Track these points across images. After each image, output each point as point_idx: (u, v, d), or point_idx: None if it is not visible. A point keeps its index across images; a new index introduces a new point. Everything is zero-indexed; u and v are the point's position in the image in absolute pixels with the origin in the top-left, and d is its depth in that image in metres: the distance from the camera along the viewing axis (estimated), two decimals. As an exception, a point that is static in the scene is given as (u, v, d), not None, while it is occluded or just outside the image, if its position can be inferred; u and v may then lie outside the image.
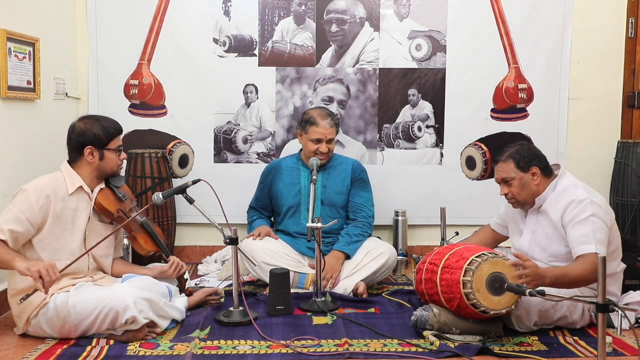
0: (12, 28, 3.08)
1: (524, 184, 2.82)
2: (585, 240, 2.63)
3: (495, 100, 4.05)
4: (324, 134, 3.41)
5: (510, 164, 2.83)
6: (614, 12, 4.00)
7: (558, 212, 2.75)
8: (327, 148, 3.44)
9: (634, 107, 4.05)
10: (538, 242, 2.84)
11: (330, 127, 3.43)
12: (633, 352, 2.54)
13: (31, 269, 2.40)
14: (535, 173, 2.81)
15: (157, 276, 2.89)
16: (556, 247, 2.78)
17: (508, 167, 2.84)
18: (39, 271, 2.39)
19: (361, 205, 3.52)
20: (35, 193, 2.60)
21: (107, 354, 2.49)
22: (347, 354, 2.49)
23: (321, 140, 3.42)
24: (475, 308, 2.54)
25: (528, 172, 2.81)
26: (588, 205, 2.68)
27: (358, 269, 3.33)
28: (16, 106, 3.18)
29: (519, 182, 2.82)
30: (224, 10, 3.96)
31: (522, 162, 2.81)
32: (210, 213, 2.89)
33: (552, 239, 2.79)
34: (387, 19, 3.99)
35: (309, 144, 3.46)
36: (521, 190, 2.83)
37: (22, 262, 2.45)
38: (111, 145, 2.79)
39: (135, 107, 3.99)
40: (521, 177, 2.82)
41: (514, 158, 2.83)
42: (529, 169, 2.81)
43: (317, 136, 3.42)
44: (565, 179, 2.84)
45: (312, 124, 3.43)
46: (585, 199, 2.70)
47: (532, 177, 2.81)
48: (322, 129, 3.41)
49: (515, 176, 2.82)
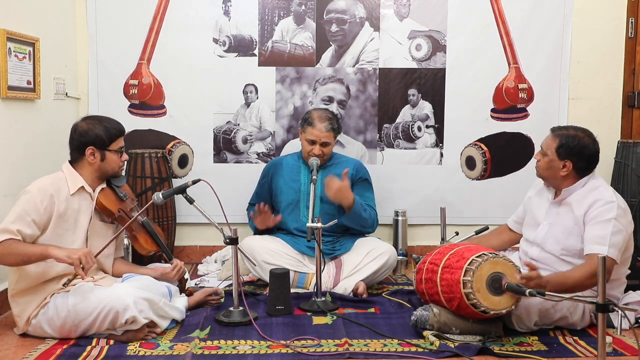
0: (12, 28, 3.08)
1: (552, 166, 2.82)
2: (600, 241, 2.63)
3: (496, 100, 4.05)
4: (319, 136, 3.41)
5: (554, 142, 2.83)
6: (614, 12, 4.00)
7: (583, 208, 2.74)
8: (321, 151, 3.42)
9: (634, 107, 4.05)
10: (555, 234, 2.83)
11: (327, 131, 3.41)
12: (633, 352, 2.54)
13: (72, 256, 2.48)
14: (567, 166, 2.80)
15: (158, 277, 2.88)
16: (572, 241, 2.77)
17: (551, 143, 2.84)
18: (79, 258, 2.48)
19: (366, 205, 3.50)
20: (39, 194, 2.60)
21: (107, 354, 2.49)
22: (347, 354, 2.50)
23: (315, 142, 3.42)
24: (476, 308, 2.55)
25: (561, 161, 2.80)
26: (613, 208, 2.67)
27: (358, 269, 3.33)
28: (16, 106, 3.18)
29: (549, 161, 2.83)
30: (224, 10, 3.96)
31: (563, 149, 2.80)
32: (210, 213, 2.89)
33: (570, 232, 2.77)
34: (387, 19, 3.99)
35: (304, 144, 3.47)
36: (547, 168, 2.85)
37: (59, 251, 2.52)
38: (113, 147, 2.79)
39: (134, 107, 3.99)
40: (553, 160, 2.82)
41: (560, 140, 2.81)
42: (564, 159, 2.80)
43: (311, 137, 3.42)
44: (598, 179, 2.83)
45: (309, 124, 3.43)
46: (613, 201, 2.69)
47: (561, 167, 2.81)
48: (317, 131, 3.40)
49: (549, 155, 2.83)
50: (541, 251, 2.86)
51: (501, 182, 4.08)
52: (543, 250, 2.85)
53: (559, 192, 2.88)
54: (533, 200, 3.03)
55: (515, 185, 4.02)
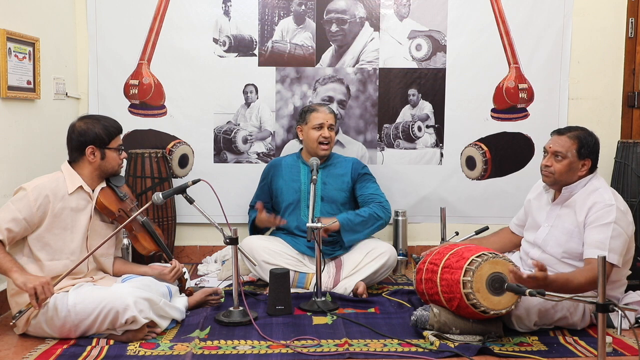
0: (12, 28, 3.08)
1: (572, 169, 2.79)
2: (600, 246, 2.62)
3: (496, 100, 4.05)
4: (325, 118, 3.47)
5: (573, 144, 2.78)
6: (614, 12, 4.00)
7: (583, 211, 2.73)
8: (329, 134, 3.47)
9: (634, 107, 4.05)
10: (555, 236, 2.83)
11: (330, 112, 3.52)
12: (633, 352, 2.54)
13: (27, 285, 2.42)
14: (586, 165, 2.79)
15: (156, 276, 2.89)
16: (574, 244, 2.77)
17: (569, 145, 2.79)
18: (34, 288, 2.41)
19: (372, 195, 3.49)
20: (34, 192, 2.61)
21: (107, 354, 2.49)
22: (347, 354, 2.49)
23: (323, 126, 3.47)
24: (475, 308, 2.55)
25: (582, 161, 2.79)
26: (612, 211, 2.66)
27: (358, 269, 3.34)
28: (16, 106, 3.18)
29: (569, 164, 2.78)
30: (224, 10, 3.96)
31: (585, 149, 2.78)
32: (210, 213, 2.89)
33: (571, 235, 2.77)
34: (387, 19, 3.99)
35: (311, 133, 3.47)
36: (567, 172, 2.79)
37: (19, 276, 2.47)
38: (112, 145, 2.79)
39: (135, 107, 3.99)
40: (573, 162, 2.78)
41: (579, 141, 2.78)
42: (584, 159, 2.79)
43: (318, 121, 3.46)
44: (598, 179, 2.83)
45: (312, 111, 3.51)
46: (612, 204, 2.68)
47: (581, 167, 2.79)
48: (322, 114, 3.49)
49: (569, 157, 2.78)
50: (542, 253, 2.86)
51: (501, 182, 4.08)
52: (544, 252, 2.85)
53: (558, 194, 2.87)
54: (533, 203, 3.03)
55: (516, 186, 4.03)
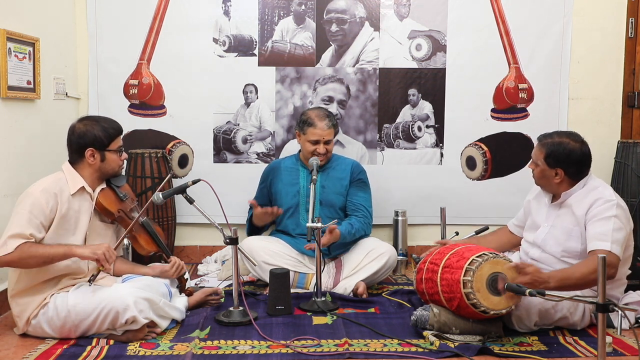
0: (12, 28, 3.08)
1: (545, 176, 2.84)
2: (603, 237, 2.64)
3: (496, 100, 4.05)
4: (322, 135, 3.40)
5: (542, 152, 2.82)
6: (614, 12, 4.00)
7: (583, 208, 2.74)
8: (325, 149, 3.43)
9: (634, 107, 4.05)
10: (555, 236, 2.83)
11: (328, 128, 3.42)
12: (633, 352, 2.54)
13: (97, 252, 2.55)
14: (559, 174, 2.80)
15: (157, 275, 2.89)
16: (573, 243, 2.77)
17: (539, 153, 2.84)
18: (103, 253, 2.55)
19: (359, 205, 3.50)
20: (43, 195, 2.58)
21: (107, 354, 2.49)
22: (347, 354, 2.49)
23: (319, 142, 3.42)
24: (476, 308, 2.55)
25: (553, 169, 2.81)
26: (613, 206, 2.68)
27: (358, 270, 3.33)
28: (16, 106, 3.18)
29: (541, 171, 2.84)
30: (224, 10, 3.96)
31: (552, 159, 2.79)
32: (210, 213, 2.89)
33: (570, 234, 2.78)
34: (387, 19, 3.98)
35: (306, 145, 3.45)
36: (541, 177, 2.86)
37: (83, 249, 2.58)
38: (112, 147, 2.78)
39: (134, 107, 3.99)
40: (544, 170, 2.82)
41: (547, 150, 2.81)
42: (554, 168, 2.80)
43: (314, 138, 3.41)
44: (596, 180, 2.84)
45: (309, 125, 3.42)
46: (613, 200, 2.71)
47: (554, 175, 2.81)
48: (319, 131, 3.40)
49: (540, 164, 2.83)
50: (542, 252, 2.86)
51: (501, 182, 4.08)
52: (544, 251, 2.86)
53: (557, 196, 2.88)
54: (532, 203, 3.03)
55: (516, 186, 4.02)
